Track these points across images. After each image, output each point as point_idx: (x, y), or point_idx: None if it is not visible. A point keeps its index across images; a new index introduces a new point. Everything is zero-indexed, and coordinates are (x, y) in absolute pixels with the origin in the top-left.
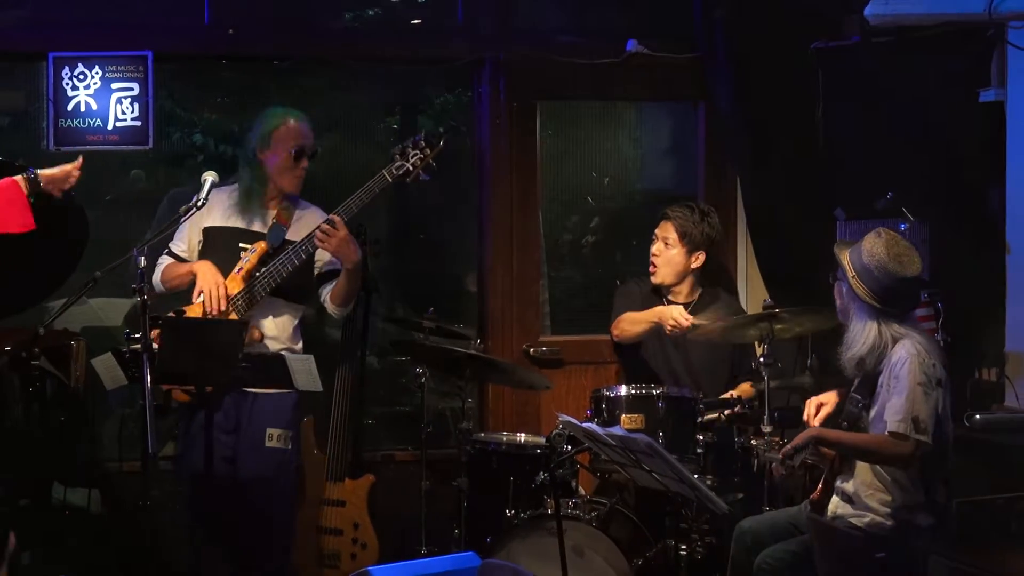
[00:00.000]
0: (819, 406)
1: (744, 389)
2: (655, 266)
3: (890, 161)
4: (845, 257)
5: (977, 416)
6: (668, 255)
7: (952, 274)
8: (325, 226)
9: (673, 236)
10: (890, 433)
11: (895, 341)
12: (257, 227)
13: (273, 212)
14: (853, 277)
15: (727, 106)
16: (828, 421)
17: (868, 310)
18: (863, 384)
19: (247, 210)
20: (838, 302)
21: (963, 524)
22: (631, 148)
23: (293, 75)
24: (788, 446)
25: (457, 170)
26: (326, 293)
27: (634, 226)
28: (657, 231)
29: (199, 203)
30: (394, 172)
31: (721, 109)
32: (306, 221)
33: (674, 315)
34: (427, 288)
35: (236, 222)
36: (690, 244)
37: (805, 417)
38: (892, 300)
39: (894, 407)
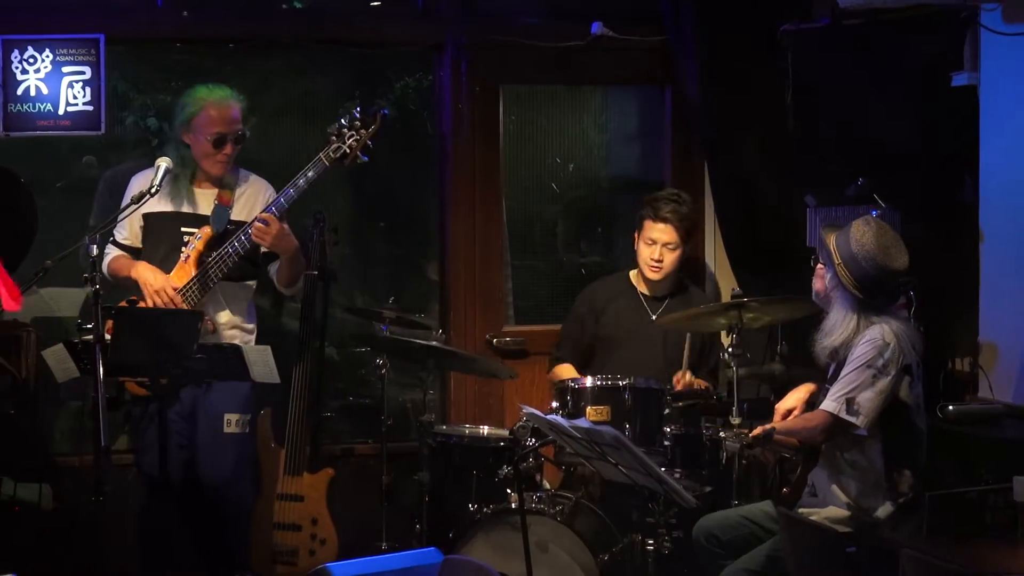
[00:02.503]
0: (787, 412)
1: (687, 382)
2: (659, 271)
3: (861, 147)
4: (832, 241)
5: (950, 407)
6: (672, 257)
7: (925, 262)
8: (259, 224)
9: (675, 238)
10: (820, 411)
11: (867, 327)
12: (199, 209)
13: (209, 192)
14: (840, 264)
15: (695, 90)
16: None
17: (850, 300)
18: (835, 374)
19: (179, 193)
20: (817, 285)
21: (935, 517)
22: (596, 133)
23: (249, 57)
24: (749, 436)
25: (418, 156)
26: (273, 271)
27: (599, 213)
28: (653, 235)
29: (153, 190)
30: (331, 155)
31: (688, 93)
32: (250, 194)
33: None
34: (387, 277)
35: (175, 206)
36: (689, 239)
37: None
38: (876, 291)
39: (835, 386)
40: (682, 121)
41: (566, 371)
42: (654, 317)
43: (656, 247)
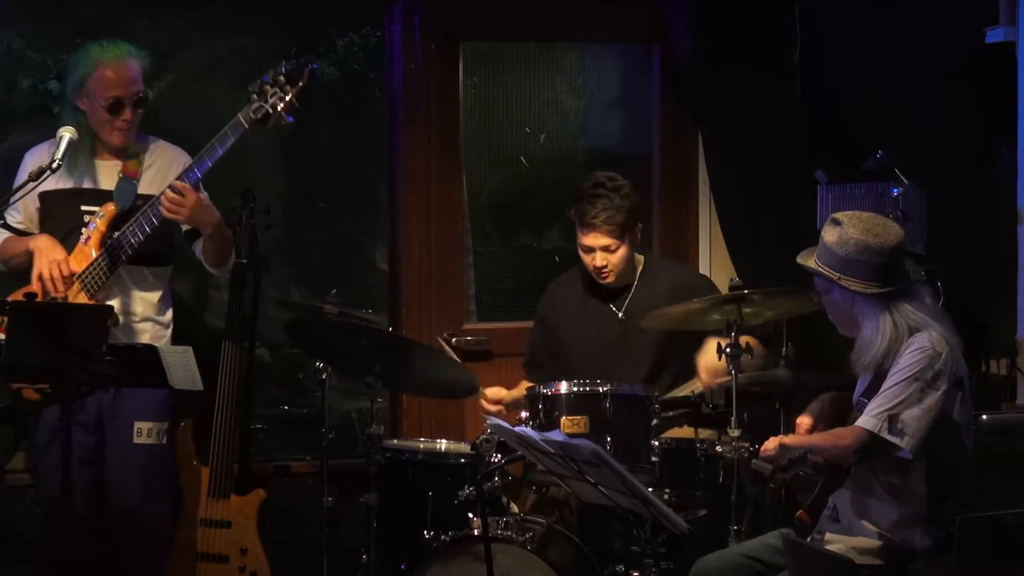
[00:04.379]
0: (811, 426)
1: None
2: (608, 275)
3: (880, 114)
4: (815, 263)
5: (983, 416)
6: (617, 258)
7: (954, 247)
8: (171, 195)
9: (611, 240)
10: (856, 428)
11: (912, 331)
12: (101, 184)
13: (113, 164)
14: (840, 278)
15: (686, 49)
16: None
17: (873, 303)
18: (872, 386)
19: (78, 167)
20: (836, 318)
21: (968, 545)
22: (572, 99)
23: (166, 11)
24: (782, 458)
25: (365, 125)
26: (199, 250)
27: (574, 191)
28: (587, 242)
29: (55, 164)
30: (251, 116)
31: (679, 52)
32: (161, 165)
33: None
34: (328, 266)
35: (74, 182)
36: (628, 232)
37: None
38: (890, 277)
39: (875, 400)
40: (672, 85)
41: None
42: (621, 315)
43: (594, 254)
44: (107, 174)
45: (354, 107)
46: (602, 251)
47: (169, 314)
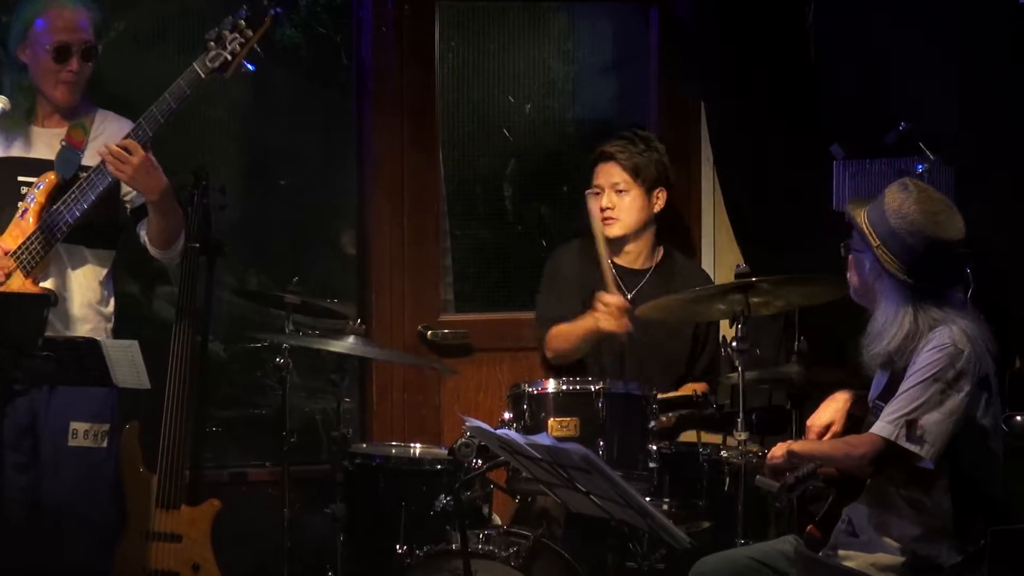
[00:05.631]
0: (823, 429)
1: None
2: (613, 218)
3: (903, 81)
4: (863, 218)
5: (1017, 417)
6: (625, 202)
7: (984, 233)
8: (116, 148)
9: (624, 177)
10: (871, 435)
11: (932, 328)
12: (40, 152)
13: (55, 131)
14: (878, 246)
15: (688, 8)
16: None
17: (899, 289)
18: (889, 387)
19: (15, 131)
20: (855, 280)
21: (998, 559)
22: (561, 64)
23: None
24: (790, 476)
25: (330, 93)
26: (143, 232)
27: (565, 167)
28: (599, 180)
29: None
30: (208, 65)
31: (680, 13)
32: (108, 136)
33: (605, 301)
34: (290, 251)
35: (9, 150)
36: (646, 182)
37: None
38: (929, 273)
39: (891, 404)
40: (672, 49)
41: (565, 327)
42: (630, 296)
43: (604, 193)
44: (48, 142)
45: (318, 73)
46: (611, 189)
47: (112, 305)
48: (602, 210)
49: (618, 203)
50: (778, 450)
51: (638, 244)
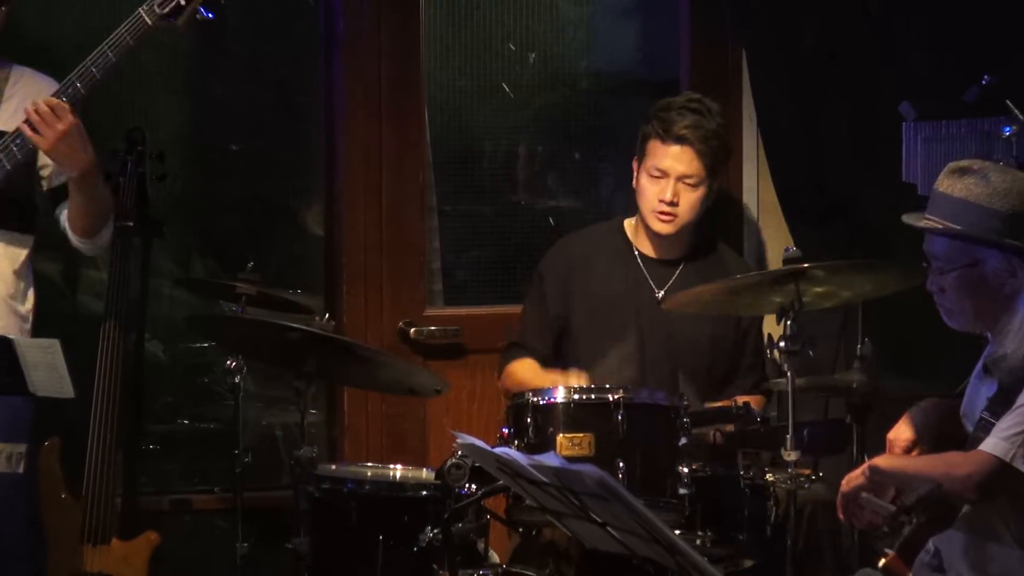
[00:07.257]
0: (909, 446)
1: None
2: (672, 220)
3: (984, 29)
4: (948, 224)
5: None
6: (693, 199)
7: None
8: (43, 108)
9: (697, 170)
10: (980, 452)
11: None
12: None
13: None
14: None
15: None
16: None
17: None
18: (1000, 398)
19: None
20: (968, 304)
21: None
22: (572, 5)
23: None
24: (909, 495)
25: (293, 44)
26: (63, 216)
27: (576, 130)
28: (664, 163)
29: None
30: (156, 10)
31: None
32: (26, 95)
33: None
34: (244, 231)
35: None
36: (717, 173)
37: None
38: None
39: (1006, 419)
40: None
41: (528, 372)
42: (660, 293)
43: (668, 182)
44: None
45: (279, 20)
46: (679, 182)
47: (31, 300)
48: (664, 202)
49: (684, 197)
50: (856, 471)
51: (684, 236)
